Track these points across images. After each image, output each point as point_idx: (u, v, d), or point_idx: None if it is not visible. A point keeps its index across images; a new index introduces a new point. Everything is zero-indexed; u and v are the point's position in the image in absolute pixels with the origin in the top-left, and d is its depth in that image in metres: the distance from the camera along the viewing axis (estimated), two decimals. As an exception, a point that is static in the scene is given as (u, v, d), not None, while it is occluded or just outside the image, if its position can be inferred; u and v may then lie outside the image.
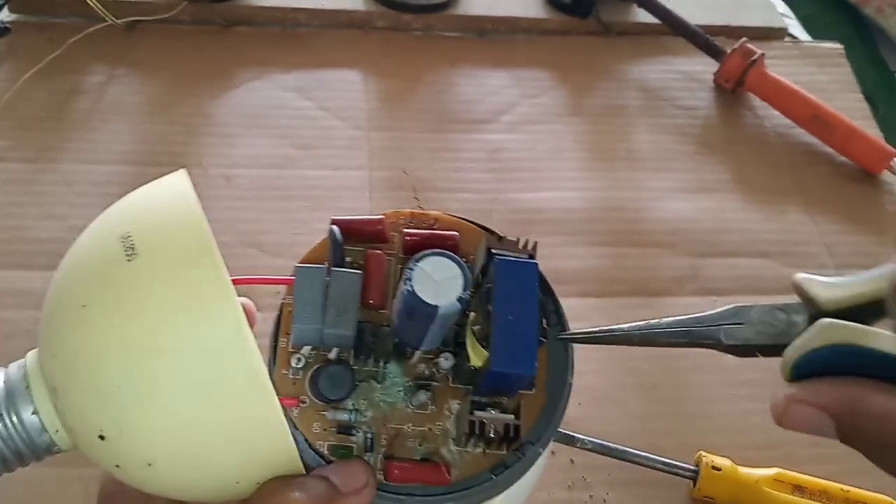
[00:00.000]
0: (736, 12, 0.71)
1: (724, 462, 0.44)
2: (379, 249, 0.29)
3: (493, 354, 0.25)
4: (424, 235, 0.29)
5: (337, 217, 0.29)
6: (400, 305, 0.26)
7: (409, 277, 0.25)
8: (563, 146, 0.61)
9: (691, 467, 0.44)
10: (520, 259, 0.27)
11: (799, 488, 0.43)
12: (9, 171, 0.55)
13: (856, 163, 0.62)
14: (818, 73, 0.69)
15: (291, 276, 0.27)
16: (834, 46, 0.71)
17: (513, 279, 0.26)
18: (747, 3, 0.72)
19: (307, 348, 0.27)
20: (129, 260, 0.22)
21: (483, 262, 0.27)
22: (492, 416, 0.26)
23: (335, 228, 0.28)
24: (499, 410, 0.27)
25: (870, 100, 0.67)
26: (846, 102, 0.66)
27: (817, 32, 0.74)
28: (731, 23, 0.70)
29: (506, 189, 0.58)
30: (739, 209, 0.59)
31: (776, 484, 0.43)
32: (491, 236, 0.29)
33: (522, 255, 0.27)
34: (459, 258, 0.26)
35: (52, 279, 0.24)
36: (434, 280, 0.25)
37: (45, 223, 0.52)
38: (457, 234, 0.29)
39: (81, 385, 0.22)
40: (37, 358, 0.24)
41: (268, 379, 0.22)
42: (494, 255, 0.27)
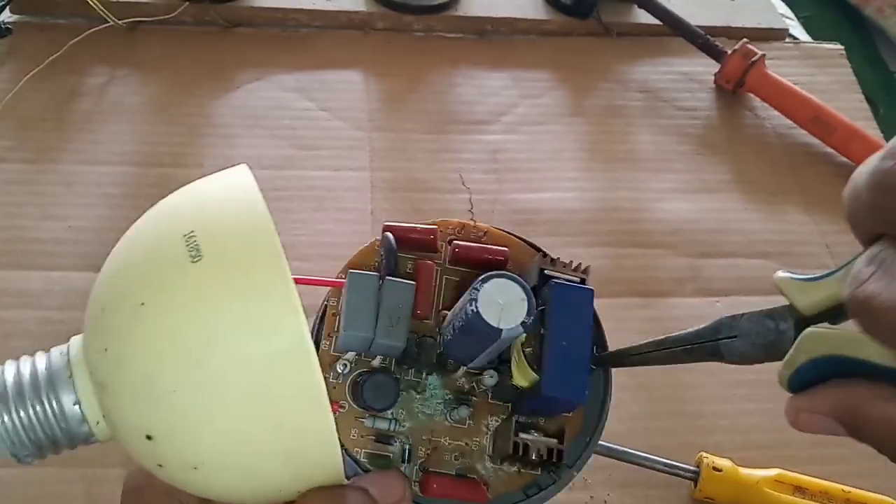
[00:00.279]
0: (736, 13, 0.71)
1: (724, 463, 0.44)
2: (430, 259, 0.28)
3: (545, 379, 0.25)
4: (473, 248, 0.28)
5: (389, 223, 0.28)
6: (460, 323, 0.26)
7: (474, 298, 0.24)
8: (564, 147, 0.61)
9: (692, 468, 0.44)
10: (576, 284, 0.27)
11: (800, 489, 0.43)
12: (9, 172, 0.55)
13: (856, 163, 0.61)
14: (819, 73, 0.69)
15: (339, 278, 0.27)
16: (834, 47, 0.71)
17: (568, 304, 0.26)
18: (747, 4, 0.72)
19: (352, 354, 0.27)
20: (192, 261, 0.21)
21: (535, 282, 0.27)
22: (536, 440, 0.26)
23: (390, 236, 0.27)
24: (541, 433, 0.26)
25: (870, 100, 0.67)
26: (847, 103, 0.66)
27: (818, 33, 0.74)
28: (732, 23, 0.70)
29: (506, 190, 0.58)
30: (740, 210, 0.59)
31: (777, 485, 0.43)
32: (543, 258, 0.28)
33: (575, 277, 0.27)
34: (524, 282, 0.25)
35: (105, 268, 0.23)
36: (499, 303, 0.24)
37: (45, 223, 0.52)
38: (507, 249, 0.29)
39: (133, 384, 0.21)
40: (82, 348, 0.23)
41: (326, 397, 0.21)
42: (550, 277, 0.26)
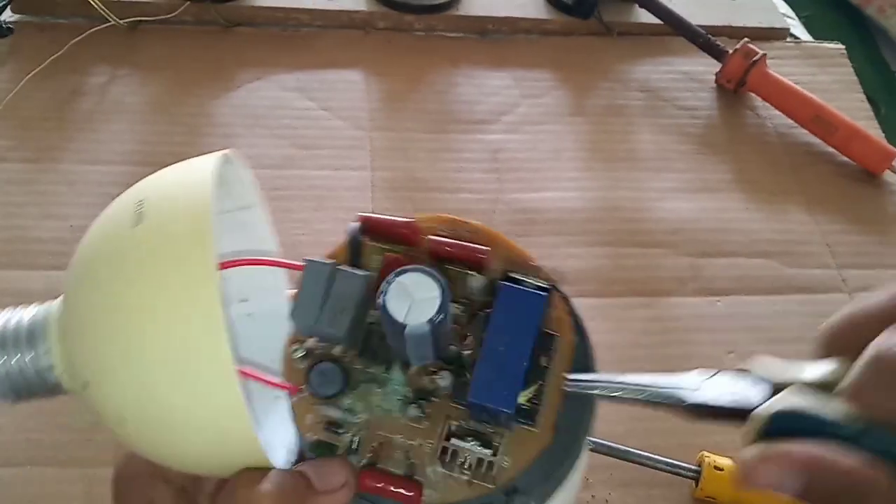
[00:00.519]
0: (737, 12, 0.71)
1: (726, 462, 0.44)
2: (411, 254, 0.27)
3: (473, 383, 0.24)
4: (451, 244, 0.27)
5: (364, 214, 0.27)
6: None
7: (384, 290, 0.24)
8: (565, 146, 0.61)
9: (693, 467, 0.44)
10: (527, 290, 0.25)
11: (801, 489, 0.43)
12: (10, 171, 0.55)
13: (857, 163, 0.62)
14: (820, 73, 0.69)
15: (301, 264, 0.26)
16: (835, 47, 0.71)
17: (513, 309, 0.25)
18: (749, 4, 0.72)
19: (313, 340, 0.27)
20: (133, 225, 0.23)
21: (490, 283, 0.26)
22: (468, 447, 0.25)
23: (354, 226, 0.27)
24: (480, 444, 0.25)
25: (871, 100, 0.67)
26: (848, 102, 0.66)
27: (819, 33, 0.74)
28: (733, 23, 0.70)
29: (507, 189, 0.58)
30: (741, 209, 0.59)
31: (778, 484, 0.43)
32: (528, 263, 0.27)
33: (541, 283, 0.26)
34: (442, 278, 0.24)
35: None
36: (412, 297, 0.23)
37: (45, 223, 0.52)
38: (489, 248, 0.27)
39: (79, 334, 0.24)
40: (61, 301, 0.26)
41: (234, 373, 0.22)
42: (507, 280, 0.25)
